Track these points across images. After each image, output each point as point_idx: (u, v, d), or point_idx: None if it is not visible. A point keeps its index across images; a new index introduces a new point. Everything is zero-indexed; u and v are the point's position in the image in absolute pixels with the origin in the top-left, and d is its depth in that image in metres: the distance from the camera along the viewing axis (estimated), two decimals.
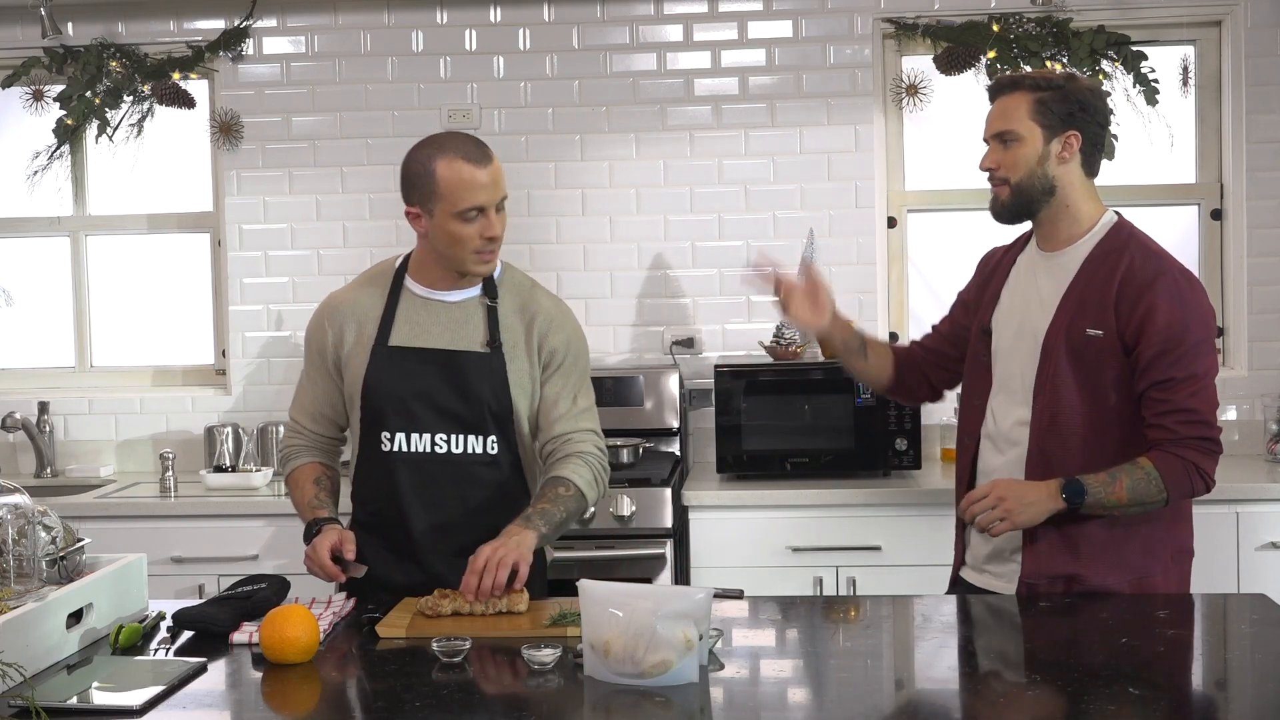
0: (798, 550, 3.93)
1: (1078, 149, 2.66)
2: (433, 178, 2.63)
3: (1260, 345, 4.48)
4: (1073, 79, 2.70)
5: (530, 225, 4.63)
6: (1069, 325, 2.62)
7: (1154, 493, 2.55)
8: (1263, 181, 4.46)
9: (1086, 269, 2.65)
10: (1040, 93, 2.65)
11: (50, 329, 4.93)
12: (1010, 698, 2.03)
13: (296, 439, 2.87)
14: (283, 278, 4.70)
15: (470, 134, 2.74)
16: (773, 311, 4.53)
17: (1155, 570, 2.66)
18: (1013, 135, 2.67)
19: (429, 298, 2.76)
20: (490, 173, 2.64)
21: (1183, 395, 2.55)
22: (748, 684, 2.18)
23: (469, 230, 2.64)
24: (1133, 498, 2.55)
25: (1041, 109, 2.65)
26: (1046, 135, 2.65)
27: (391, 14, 4.66)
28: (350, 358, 2.76)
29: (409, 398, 2.70)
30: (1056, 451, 2.62)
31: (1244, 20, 4.44)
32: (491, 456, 2.73)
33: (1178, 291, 2.58)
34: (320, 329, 2.81)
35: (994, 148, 2.71)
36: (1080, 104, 2.65)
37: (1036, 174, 2.66)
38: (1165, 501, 2.57)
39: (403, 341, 2.73)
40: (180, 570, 4.07)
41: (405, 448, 2.71)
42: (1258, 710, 2.06)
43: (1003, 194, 2.70)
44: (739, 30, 4.59)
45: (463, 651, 2.24)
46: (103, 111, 4.66)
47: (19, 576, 2.35)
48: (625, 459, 4.22)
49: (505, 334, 2.73)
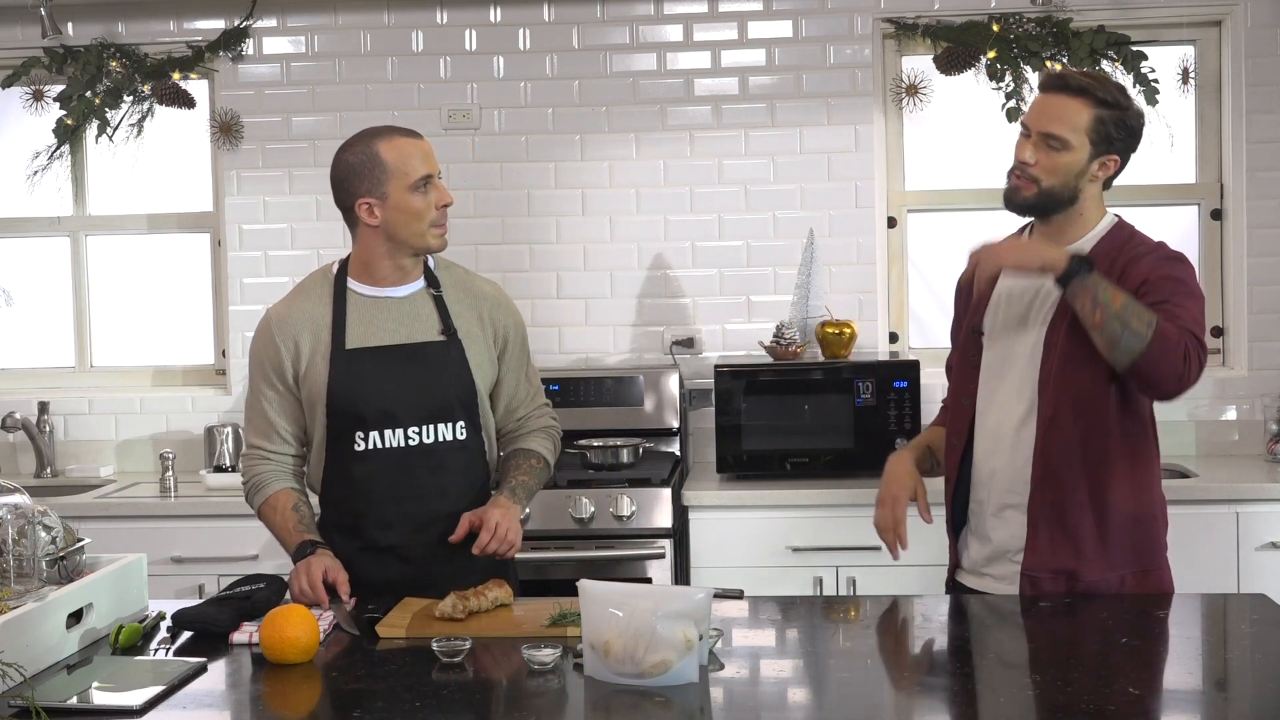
0: (798, 550, 3.93)
1: (1112, 171, 2.65)
2: (378, 159, 2.71)
3: (1260, 345, 4.47)
4: (1129, 97, 2.65)
5: (530, 225, 4.63)
6: (1071, 320, 2.59)
7: (1143, 324, 2.43)
8: (1263, 181, 4.45)
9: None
10: (1104, 110, 2.60)
11: (50, 329, 4.93)
12: (1010, 698, 2.03)
13: (260, 465, 2.80)
14: (283, 278, 4.69)
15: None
16: (773, 311, 4.54)
17: (1150, 566, 2.66)
18: (1062, 142, 2.60)
19: (376, 296, 2.77)
20: (426, 145, 2.75)
21: (1170, 298, 2.50)
22: (748, 684, 2.18)
23: (425, 201, 2.71)
24: (1124, 305, 2.44)
25: (1100, 126, 2.60)
26: (1093, 153, 2.61)
27: (391, 14, 4.66)
28: (309, 368, 2.74)
29: (379, 396, 2.71)
30: (1060, 448, 2.61)
31: (1244, 20, 4.44)
32: (461, 441, 2.77)
33: (1164, 255, 2.62)
34: (271, 345, 2.76)
35: (1038, 144, 2.63)
36: (1131, 131, 2.63)
37: (1070, 185, 2.63)
38: (1144, 347, 2.42)
39: (359, 343, 2.74)
40: (180, 570, 4.07)
41: (380, 444, 2.73)
42: (1258, 710, 2.06)
43: (1029, 191, 2.65)
44: (739, 30, 4.59)
45: (463, 651, 2.24)
46: (103, 111, 4.66)
47: (19, 576, 2.35)
48: (625, 459, 4.22)
49: (457, 320, 2.79)
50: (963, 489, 2.76)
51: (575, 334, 4.63)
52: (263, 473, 2.80)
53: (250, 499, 2.83)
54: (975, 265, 2.62)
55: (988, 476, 2.71)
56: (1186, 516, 3.79)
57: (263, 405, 2.79)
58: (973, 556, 2.77)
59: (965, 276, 2.80)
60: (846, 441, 4.10)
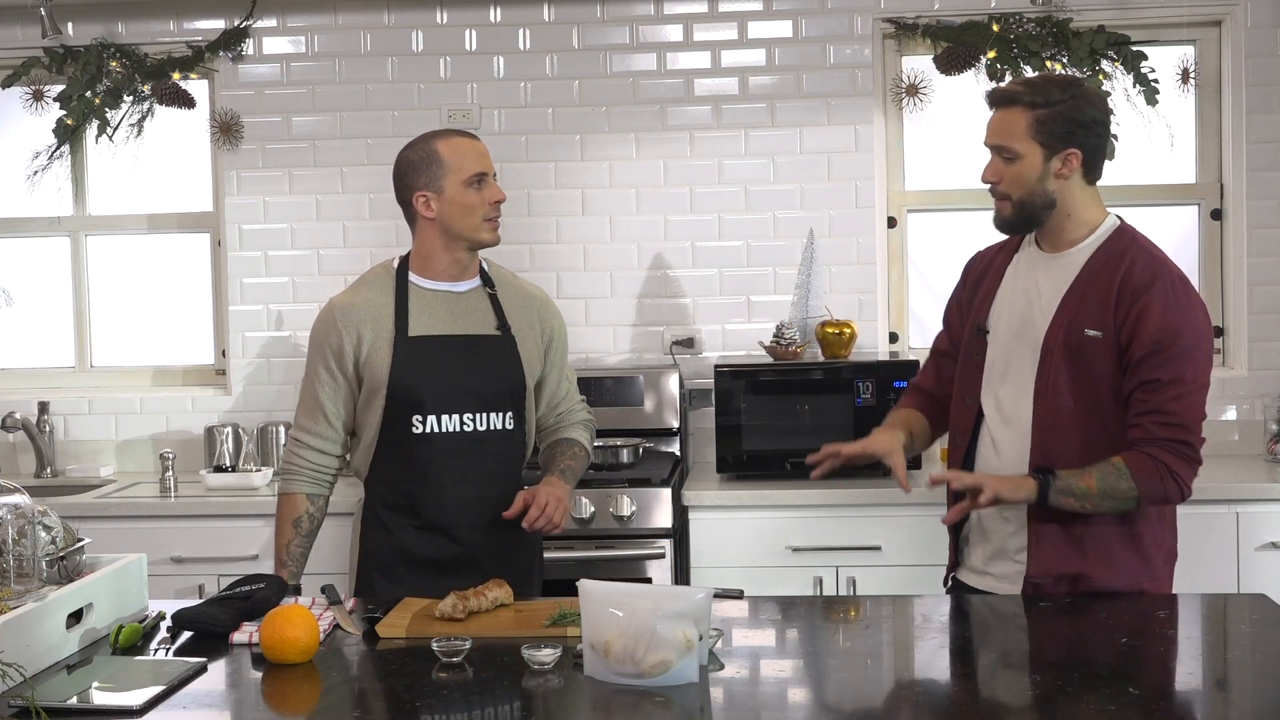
0: (798, 550, 3.93)
1: (1078, 165, 2.64)
2: (437, 155, 2.88)
3: (1260, 345, 4.47)
4: (1073, 90, 2.64)
5: (530, 225, 4.63)
6: (1069, 325, 2.61)
7: (1124, 488, 2.53)
8: (1263, 181, 4.46)
9: (1088, 270, 2.64)
10: (1038, 110, 2.61)
11: (50, 329, 4.93)
12: (1010, 698, 2.03)
13: (296, 457, 2.96)
14: (283, 278, 4.70)
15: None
16: (773, 311, 4.54)
17: (1158, 573, 2.67)
18: (1011, 153, 2.64)
19: (436, 289, 2.94)
20: (482, 146, 2.94)
21: (1165, 398, 2.54)
22: (748, 684, 2.18)
23: (479, 197, 2.88)
24: (1101, 487, 2.53)
25: (1039, 128, 2.62)
26: (1046, 154, 2.63)
27: (391, 14, 4.66)
28: (371, 354, 2.89)
29: (438, 381, 2.88)
30: (1058, 451, 2.61)
31: (1244, 20, 4.44)
32: (509, 431, 2.95)
33: (1174, 296, 2.58)
34: (334, 332, 2.90)
35: (994, 161, 2.68)
36: (1079, 121, 2.62)
37: (1037, 191, 2.64)
38: (1137, 500, 2.55)
39: (421, 331, 2.90)
40: (180, 570, 4.07)
41: (436, 429, 2.89)
42: (1258, 710, 2.06)
43: (1005, 210, 2.69)
44: (739, 30, 4.59)
45: (463, 651, 2.24)
46: (103, 111, 4.66)
47: (19, 576, 2.35)
48: (625, 459, 4.22)
49: (511, 318, 2.98)
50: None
51: (575, 334, 4.60)
52: (295, 465, 2.96)
53: (280, 484, 3.01)
54: (961, 487, 2.60)
55: (988, 473, 2.70)
56: (1186, 516, 3.76)
57: (316, 388, 2.93)
58: (974, 555, 2.77)
59: (984, 255, 2.87)
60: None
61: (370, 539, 2.96)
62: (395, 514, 2.92)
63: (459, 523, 2.90)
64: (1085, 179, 2.67)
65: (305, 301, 4.64)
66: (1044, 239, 2.73)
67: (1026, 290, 2.71)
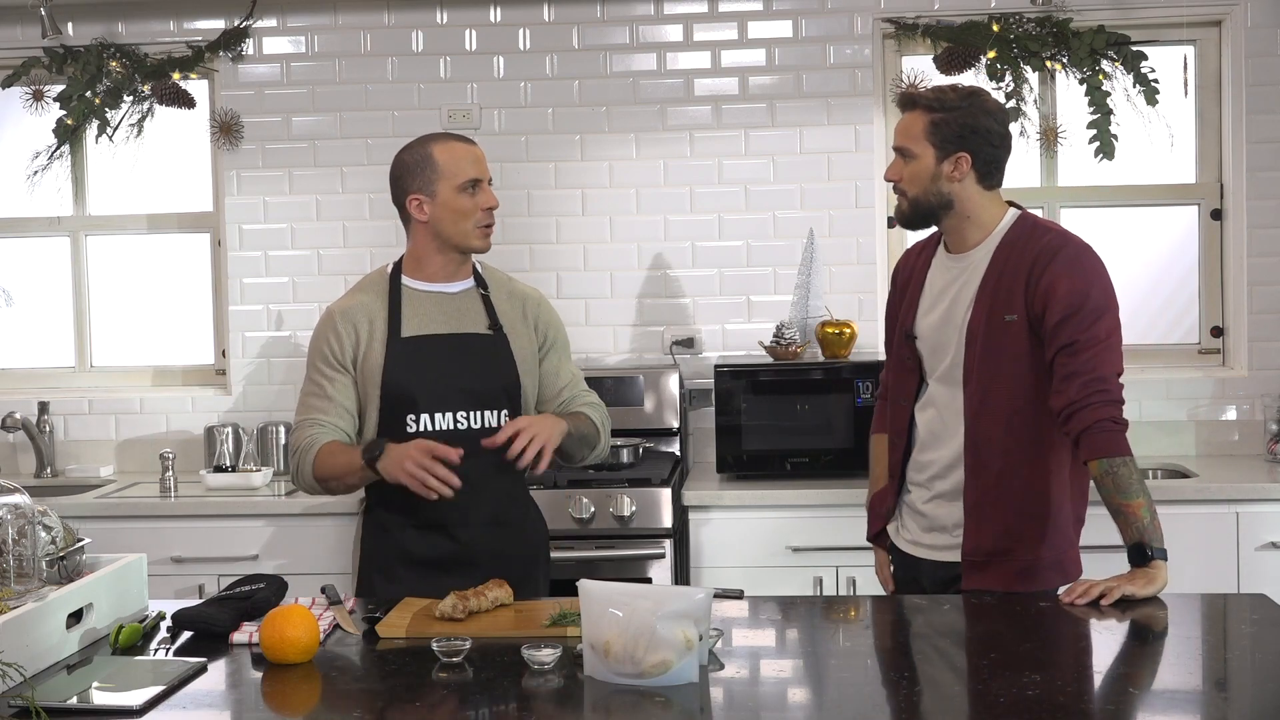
0: (798, 550, 3.93)
1: (969, 169, 2.76)
2: (431, 159, 2.90)
3: (1260, 345, 4.48)
4: (971, 99, 2.77)
5: (530, 225, 4.63)
6: (988, 315, 2.74)
7: (1131, 468, 2.61)
8: (1263, 181, 4.46)
9: (996, 261, 2.77)
10: (935, 114, 2.76)
11: (50, 329, 4.93)
12: (1010, 697, 2.03)
13: (308, 430, 2.89)
14: (283, 278, 4.70)
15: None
16: (773, 311, 4.54)
17: (1073, 540, 2.79)
18: (909, 152, 2.79)
19: (429, 290, 2.96)
20: (478, 151, 2.95)
21: (1085, 359, 2.64)
22: (748, 684, 2.18)
23: (471, 203, 2.89)
24: (1142, 490, 2.60)
25: (934, 130, 2.76)
26: (939, 155, 2.77)
27: (391, 14, 4.66)
28: (368, 353, 2.91)
29: (431, 381, 2.89)
30: (986, 436, 2.73)
31: (1244, 20, 4.44)
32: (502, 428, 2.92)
33: (1078, 263, 2.70)
34: (334, 333, 2.92)
35: (896, 160, 2.84)
36: (971, 128, 2.75)
37: (931, 190, 2.79)
38: (1130, 455, 2.62)
39: (414, 331, 2.92)
40: (180, 570, 4.07)
41: (430, 427, 2.89)
42: (1258, 710, 2.06)
43: (902, 204, 2.86)
44: (739, 30, 4.59)
45: (463, 651, 2.25)
46: (103, 111, 4.67)
47: (19, 576, 2.35)
48: (625, 459, 4.22)
49: (503, 318, 2.99)
50: (901, 483, 2.92)
51: (575, 334, 4.58)
52: (311, 435, 2.87)
53: (301, 464, 2.89)
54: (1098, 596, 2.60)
55: (924, 467, 2.85)
56: (1187, 516, 3.81)
57: (322, 384, 2.92)
58: (910, 527, 2.90)
59: (907, 259, 3.01)
60: (846, 441, 4.11)
61: (370, 539, 2.98)
62: (393, 514, 2.92)
63: (456, 520, 2.90)
64: (982, 184, 2.80)
65: (305, 301, 4.65)
66: (950, 241, 2.87)
67: (944, 291, 2.84)
